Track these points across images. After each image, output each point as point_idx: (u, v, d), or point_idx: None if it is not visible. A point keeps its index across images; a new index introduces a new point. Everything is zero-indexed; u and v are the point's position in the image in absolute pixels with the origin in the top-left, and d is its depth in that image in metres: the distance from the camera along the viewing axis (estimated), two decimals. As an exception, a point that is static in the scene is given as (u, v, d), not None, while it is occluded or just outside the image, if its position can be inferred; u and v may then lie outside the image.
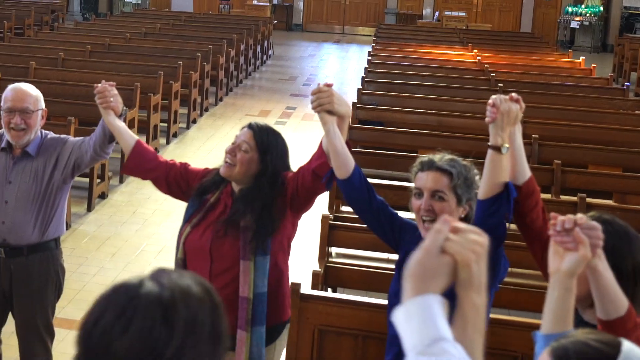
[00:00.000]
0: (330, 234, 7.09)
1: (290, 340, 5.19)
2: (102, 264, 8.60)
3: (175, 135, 13.98)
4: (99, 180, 10.59)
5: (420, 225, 4.02)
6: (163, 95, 13.14)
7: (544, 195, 9.01)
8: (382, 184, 7.71)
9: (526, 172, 3.81)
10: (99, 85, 5.06)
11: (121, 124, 5.08)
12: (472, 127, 10.66)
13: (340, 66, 23.65)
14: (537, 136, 9.88)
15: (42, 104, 5.50)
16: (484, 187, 3.78)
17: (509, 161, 3.76)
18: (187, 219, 4.75)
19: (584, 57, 17.07)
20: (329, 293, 6.36)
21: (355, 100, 11.90)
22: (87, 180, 10.31)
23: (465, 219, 3.93)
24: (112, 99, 5.00)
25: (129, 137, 5.05)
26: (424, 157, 4.07)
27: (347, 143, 4.17)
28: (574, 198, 7.85)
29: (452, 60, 16.51)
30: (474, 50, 17.32)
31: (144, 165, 5.00)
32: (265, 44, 22.54)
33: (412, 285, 1.90)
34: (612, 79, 14.99)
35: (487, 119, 3.74)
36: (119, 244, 9.17)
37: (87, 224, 9.76)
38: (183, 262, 4.69)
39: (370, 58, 15.95)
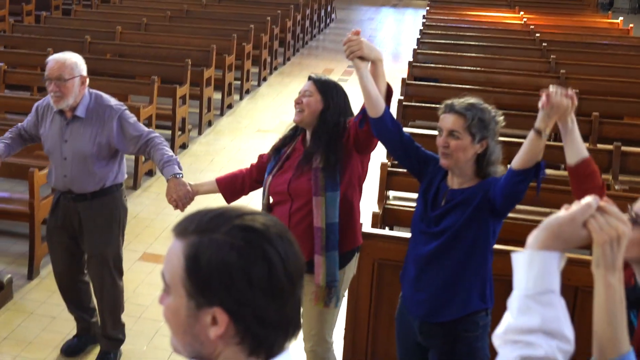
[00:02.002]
0: (388, 179, 7.21)
1: (352, 272, 5.35)
2: (184, 207, 8.79)
3: (247, 92, 14.12)
4: (180, 132, 10.79)
5: (440, 158, 4.21)
6: (236, 56, 13.27)
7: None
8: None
9: (579, 155, 3.77)
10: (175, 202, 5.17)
11: (202, 188, 5.23)
12: (517, 83, 10.68)
13: (397, 28, 23.56)
14: (577, 90, 9.81)
15: (80, 71, 5.48)
16: (518, 160, 3.90)
17: (544, 144, 3.84)
18: (269, 170, 4.93)
19: (622, 18, 16.84)
20: (387, 231, 6.47)
21: (411, 59, 11.95)
22: (169, 132, 10.51)
23: (482, 155, 4.13)
24: (185, 198, 5.16)
25: (209, 186, 5.24)
26: (448, 101, 4.22)
27: (388, 85, 4.35)
28: (610, 146, 7.90)
29: (501, 22, 16.38)
30: (521, 13, 17.16)
31: (237, 189, 5.19)
32: (329, 9, 22.49)
33: (544, 237, 1.95)
34: (648, 38, 14.84)
35: (539, 104, 3.79)
36: (198, 189, 9.34)
37: (170, 171, 9.94)
38: (268, 206, 4.92)
39: (425, 21, 15.87)
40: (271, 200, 4.93)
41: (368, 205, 8.25)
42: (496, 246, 4.31)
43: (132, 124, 5.52)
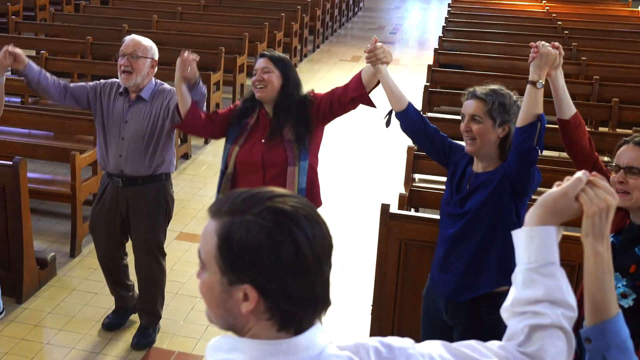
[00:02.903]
0: (414, 163, 7.25)
1: (379, 251, 5.39)
2: (218, 189, 8.87)
3: (278, 78, 14.14)
4: (214, 117, 10.85)
5: (466, 145, 4.23)
6: (268, 44, 13.28)
7: (602, 129, 9.08)
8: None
9: (572, 109, 3.97)
10: (185, 54, 5.05)
11: (185, 92, 5.06)
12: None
13: (423, 17, 23.50)
14: (598, 77, 9.86)
15: (153, 54, 5.59)
16: (521, 117, 3.94)
17: (542, 95, 3.90)
18: (233, 140, 4.99)
19: (643, 6, 16.79)
20: (413, 212, 6.50)
21: (437, 47, 11.96)
22: (204, 117, 10.58)
23: (505, 139, 4.14)
24: (189, 70, 5.04)
25: (187, 101, 5.11)
26: (471, 88, 4.27)
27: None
28: (629, 131, 7.90)
29: (524, 10, 16.34)
30: (543, 1, 17.10)
31: (196, 121, 5.11)
32: (357, -3, 22.53)
33: (540, 213, 2.01)
34: (667, 26, 14.75)
35: (529, 59, 3.92)
36: (232, 172, 9.41)
37: (204, 154, 10.00)
38: (233, 176, 4.97)
39: (450, 9, 15.87)
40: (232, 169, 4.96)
41: (395, 187, 8.30)
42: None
43: None
